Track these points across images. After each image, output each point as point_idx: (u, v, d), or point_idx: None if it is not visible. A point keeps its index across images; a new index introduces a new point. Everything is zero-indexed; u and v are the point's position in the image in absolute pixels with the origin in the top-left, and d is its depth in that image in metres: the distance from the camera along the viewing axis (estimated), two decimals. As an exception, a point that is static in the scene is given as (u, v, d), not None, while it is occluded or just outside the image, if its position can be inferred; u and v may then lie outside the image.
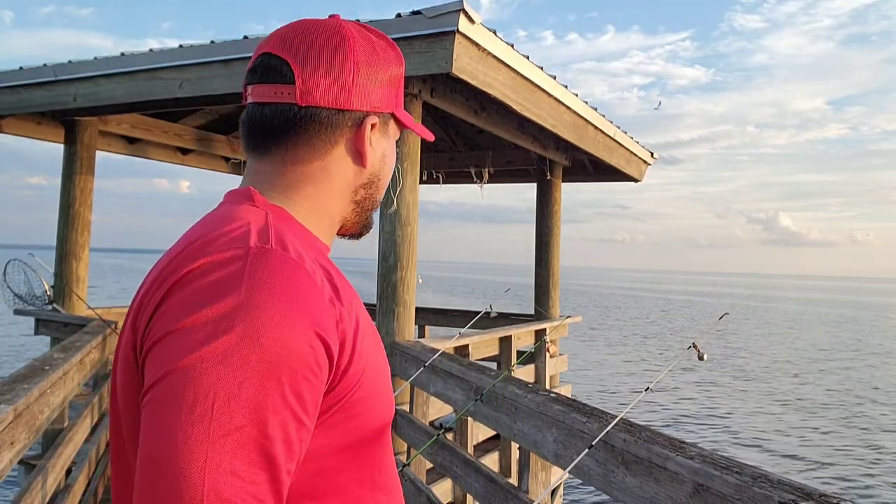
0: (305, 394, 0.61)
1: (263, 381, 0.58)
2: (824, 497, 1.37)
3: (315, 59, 0.76)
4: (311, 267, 0.67)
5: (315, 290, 0.64)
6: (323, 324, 0.63)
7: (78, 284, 5.70)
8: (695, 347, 2.14)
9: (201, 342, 0.58)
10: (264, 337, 0.59)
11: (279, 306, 0.61)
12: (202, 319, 0.59)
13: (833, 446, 11.65)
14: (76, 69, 4.96)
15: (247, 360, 0.58)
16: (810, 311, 51.78)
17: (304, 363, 0.61)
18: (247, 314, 0.59)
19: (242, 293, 0.60)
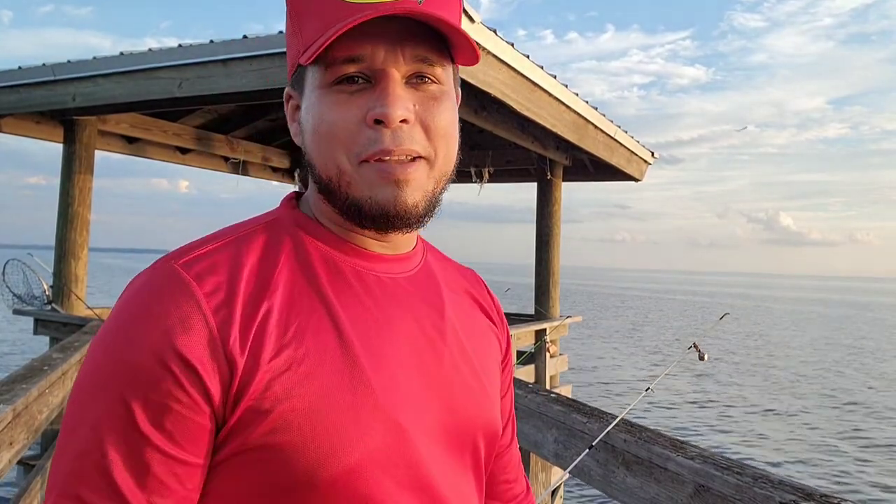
0: (168, 423, 0.55)
1: (108, 403, 0.55)
2: (825, 497, 1.36)
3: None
4: (212, 284, 0.58)
5: (182, 309, 0.56)
6: (186, 345, 0.55)
7: (77, 284, 5.69)
8: (695, 347, 2.13)
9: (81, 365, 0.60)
10: (110, 355, 0.57)
11: (129, 325, 0.57)
12: (92, 342, 0.61)
13: (833, 446, 11.65)
14: (75, 69, 4.95)
15: (95, 381, 0.57)
16: (810, 312, 51.82)
17: (161, 387, 0.55)
18: (103, 334, 0.58)
19: (113, 312, 0.60)
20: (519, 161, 7.55)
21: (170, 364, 0.55)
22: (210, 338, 0.56)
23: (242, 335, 0.57)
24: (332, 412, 0.58)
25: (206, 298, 0.57)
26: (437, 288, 0.73)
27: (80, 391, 0.57)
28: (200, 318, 0.56)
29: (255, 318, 0.58)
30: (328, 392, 0.58)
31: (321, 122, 0.62)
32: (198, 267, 0.59)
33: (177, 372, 0.55)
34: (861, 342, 29.24)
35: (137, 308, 0.57)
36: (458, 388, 0.68)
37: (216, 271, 0.59)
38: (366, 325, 0.63)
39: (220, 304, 0.57)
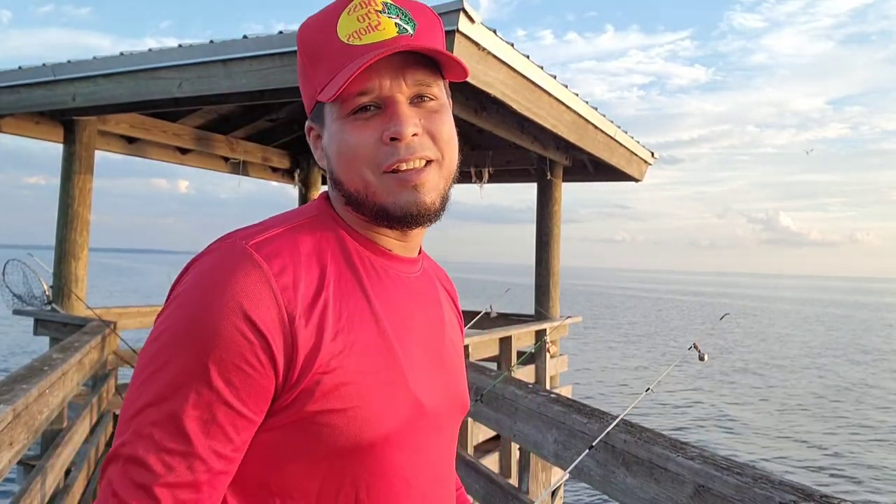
0: (237, 380, 0.64)
1: (186, 359, 0.63)
2: (825, 498, 1.36)
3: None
4: (279, 265, 0.67)
5: (256, 284, 0.65)
6: (259, 316, 0.64)
7: (77, 284, 5.69)
8: (695, 348, 2.13)
9: (156, 322, 0.68)
10: (190, 317, 0.64)
11: (209, 293, 0.64)
12: (165, 306, 0.68)
13: (833, 446, 11.65)
14: (75, 69, 4.95)
15: (174, 338, 0.64)
16: (810, 312, 51.78)
17: (233, 349, 0.63)
18: (183, 299, 0.66)
19: (189, 280, 0.67)
20: (519, 161, 7.54)
21: (245, 330, 0.63)
22: (279, 312, 0.65)
23: (307, 316, 0.67)
24: (375, 390, 0.70)
25: (276, 278, 0.66)
26: (434, 287, 0.87)
27: (159, 345, 0.65)
28: (270, 294, 0.65)
29: (317, 303, 0.68)
30: (372, 371, 0.70)
31: (345, 145, 0.74)
32: (266, 249, 0.68)
33: (250, 337, 0.63)
34: (858, 342, 29.22)
35: (216, 279, 0.65)
36: (451, 372, 0.83)
37: (281, 255, 0.69)
38: (395, 316, 0.76)
39: (287, 285, 0.67)
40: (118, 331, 4.92)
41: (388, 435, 0.71)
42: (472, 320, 5.35)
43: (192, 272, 0.69)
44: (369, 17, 0.72)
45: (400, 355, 0.74)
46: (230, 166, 7.89)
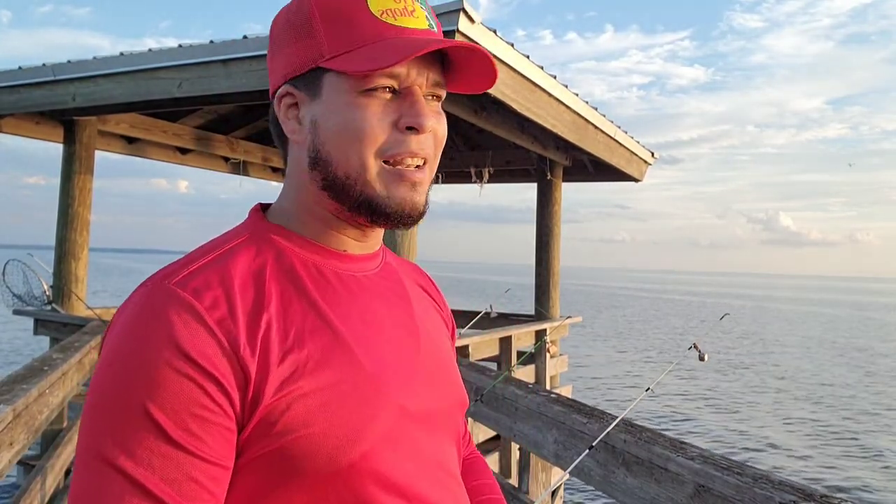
0: (196, 427, 0.57)
1: (132, 417, 0.56)
2: (825, 498, 1.36)
3: (271, 45, 0.74)
4: (209, 298, 0.61)
5: (189, 323, 0.59)
6: (201, 354, 0.58)
7: (77, 284, 5.69)
8: (696, 348, 2.13)
9: (91, 393, 0.60)
10: (124, 373, 0.58)
11: (138, 342, 0.58)
12: (99, 366, 0.61)
13: (834, 446, 11.65)
14: (75, 69, 4.95)
15: (112, 399, 0.57)
16: (809, 312, 51.82)
17: (182, 395, 0.57)
18: (110, 356, 0.60)
19: (115, 335, 0.61)
20: (519, 161, 7.54)
21: (189, 371, 0.57)
22: (220, 346, 0.59)
23: (250, 344, 0.61)
24: (341, 404, 0.63)
25: (208, 312, 0.60)
26: (401, 281, 0.82)
27: (100, 413, 0.58)
28: (207, 331, 0.59)
29: (258, 328, 0.62)
30: (334, 386, 0.64)
31: (352, 122, 0.67)
32: (192, 284, 0.62)
33: (197, 378, 0.58)
34: (857, 342, 29.25)
35: (142, 326, 0.59)
36: (435, 368, 0.76)
37: (210, 287, 0.63)
38: (353, 320, 0.69)
39: (223, 317, 0.61)
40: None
41: (369, 450, 0.64)
42: (473, 320, 5.36)
43: (116, 326, 0.62)
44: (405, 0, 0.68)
45: (364, 360, 0.67)
46: (230, 166, 7.89)
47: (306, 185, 0.72)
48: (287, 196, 0.75)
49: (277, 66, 0.72)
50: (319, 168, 0.70)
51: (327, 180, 0.70)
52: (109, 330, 0.63)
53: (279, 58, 0.72)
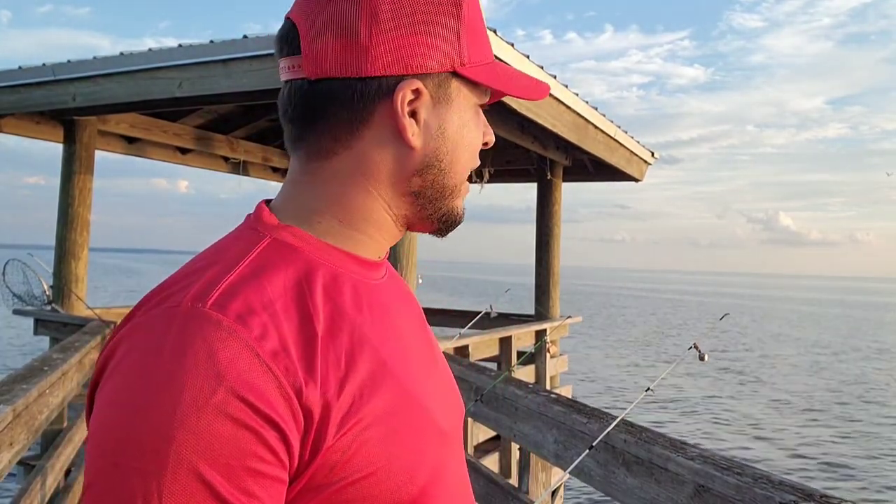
0: (254, 487, 0.48)
1: (180, 483, 0.46)
2: (825, 498, 1.36)
3: (322, 13, 0.58)
4: (258, 326, 0.51)
5: (241, 358, 0.49)
6: (260, 398, 0.48)
7: (77, 284, 5.69)
8: (696, 348, 2.13)
9: (111, 446, 0.47)
10: (161, 425, 0.46)
11: (176, 386, 0.47)
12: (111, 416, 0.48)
13: (833, 446, 11.65)
14: (75, 69, 4.95)
15: (147, 460, 0.46)
16: (809, 312, 51.81)
17: (239, 448, 0.47)
18: (132, 402, 0.47)
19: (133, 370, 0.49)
20: (519, 161, 7.55)
21: (246, 419, 0.47)
22: (279, 385, 0.50)
23: (311, 377, 0.52)
24: (398, 436, 0.56)
25: (258, 343, 0.50)
26: (406, 288, 0.76)
27: (124, 475, 0.46)
28: (262, 366, 0.49)
29: (314, 357, 0.53)
30: (389, 416, 0.56)
31: (470, 135, 0.66)
32: (232, 308, 0.51)
33: (256, 426, 0.48)
34: (857, 342, 29.25)
35: (180, 362, 0.48)
36: (446, 380, 0.71)
37: (255, 311, 0.52)
38: (388, 337, 0.62)
39: (276, 349, 0.51)
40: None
41: (425, 484, 0.58)
42: (472, 320, 5.36)
43: (127, 358, 0.50)
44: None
45: (407, 383, 0.60)
46: (230, 166, 7.89)
47: (382, 187, 0.63)
48: (321, 196, 0.63)
49: (397, 49, 0.58)
50: (429, 174, 0.63)
51: (429, 187, 0.63)
52: (118, 363, 0.50)
53: (403, 42, 0.59)
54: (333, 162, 0.61)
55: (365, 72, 0.58)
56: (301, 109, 0.61)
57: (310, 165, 0.62)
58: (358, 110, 0.59)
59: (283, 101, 0.63)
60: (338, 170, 0.62)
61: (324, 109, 0.60)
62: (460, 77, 0.62)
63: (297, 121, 0.62)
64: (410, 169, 0.62)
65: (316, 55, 0.58)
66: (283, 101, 0.63)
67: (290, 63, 0.60)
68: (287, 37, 0.61)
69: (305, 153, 0.62)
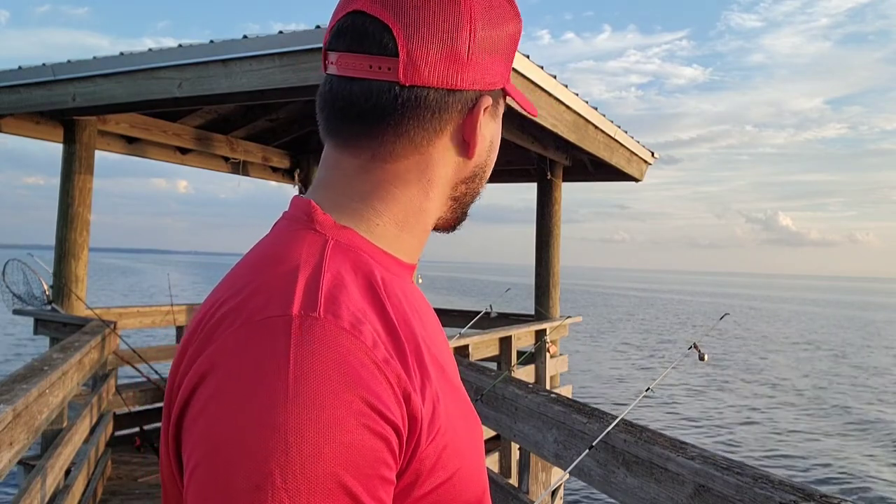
0: (383, 493, 0.49)
1: (324, 492, 0.45)
2: (825, 498, 1.36)
3: (424, 22, 0.58)
4: (369, 333, 0.51)
5: (366, 368, 0.49)
6: (388, 408, 0.49)
7: (77, 284, 5.69)
8: (696, 348, 2.13)
9: (241, 475, 0.45)
10: (324, 445, 0.46)
11: (331, 401, 0.46)
12: (237, 437, 0.46)
13: (834, 446, 11.65)
14: (75, 69, 4.95)
15: (304, 480, 0.45)
16: (809, 312, 51.79)
17: (372, 456, 0.47)
18: (292, 420, 0.46)
19: (284, 390, 0.46)
20: (519, 161, 7.54)
21: (378, 427, 0.48)
22: (394, 392, 0.50)
23: (412, 383, 0.53)
24: (465, 439, 0.59)
25: (373, 351, 0.50)
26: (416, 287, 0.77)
27: (262, 494, 0.44)
28: (381, 374, 0.50)
29: (408, 365, 0.54)
30: (455, 420, 0.58)
31: (497, 142, 0.70)
32: (344, 315, 0.51)
33: (385, 434, 0.48)
34: (857, 342, 29.23)
35: (307, 376, 0.47)
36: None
37: (361, 318, 0.52)
38: (435, 342, 0.62)
39: (386, 357, 0.51)
40: (118, 331, 4.92)
41: (486, 482, 0.60)
42: (472, 320, 5.36)
43: (240, 379, 0.47)
44: None
45: (459, 388, 0.62)
46: (230, 166, 7.89)
47: (436, 192, 0.64)
48: (381, 197, 0.62)
49: (484, 68, 0.62)
50: (473, 182, 0.68)
51: (469, 194, 0.69)
52: (226, 387, 0.48)
53: (486, 56, 0.62)
54: (400, 164, 0.62)
55: (458, 85, 0.60)
56: (381, 112, 0.59)
57: (373, 165, 0.62)
58: (444, 120, 0.61)
59: (348, 97, 0.60)
60: (402, 172, 0.62)
61: (410, 116, 0.60)
62: (505, 94, 0.68)
63: (371, 122, 0.60)
64: (462, 177, 0.66)
65: (416, 62, 0.58)
66: (348, 97, 0.60)
67: (374, 63, 0.58)
68: (370, 34, 0.58)
69: (372, 154, 0.61)
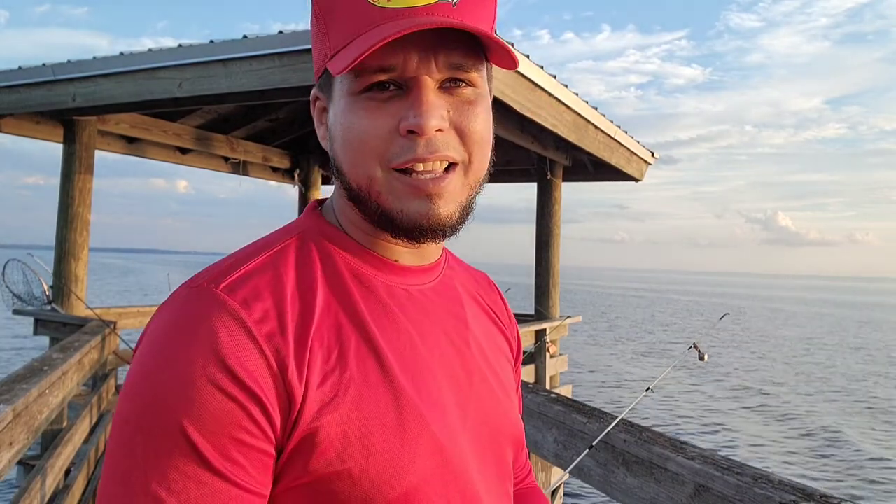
0: (238, 454, 0.52)
1: (170, 441, 0.51)
2: (825, 497, 1.36)
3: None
4: (259, 310, 0.55)
5: (236, 338, 0.53)
6: (248, 375, 0.52)
7: (77, 284, 5.69)
8: (695, 348, 2.13)
9: (127, 403, 0.54)
10: (161, 388, 0.52)
11: (179, 353, 0.52)
12: (127, 382, 0.55)
13: (834, 446, 11.65)
14: (75, 69, 4.95)
15: (146, 418, 0.51)
16: (809, 312, 51.82)
17: (225, 418, 0.51)
18: (143, 367, 0.54)
19: (151, 343, 0.55)
20: (519, 161, 7.54)
21: (234, 392, 0.52)
22: (268, 366, 0.54)
23: (297, 363, 0.55)
24: (382, 437, 0.57)
25: (257, 326, 0.55)
26: (458, 296, 0.73)
27: (131, 430, 0.52)
28: (255, 347, 0.54)
29: (305, 345, 0.56)
30: (375, 416, 0.57)
31: (351, 129, 0.60)
32: (241, 292, 0.56)
33: (242, 399, 0.52)
34: (858, 342, 29.25)
35: (183, 335, 0.53)
36: (486, 399, 0.68)
37: (261, 296, 0.57)
38: (401, 343, 0.62)
39: (272, 332, 0.55)
40: (118, 331, 4.92)
41: (414, 487, 0.57)
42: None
43: (153, 331, 0.56)
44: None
45: (411, 391, 0.60)
46: (230, 166, 7.89)
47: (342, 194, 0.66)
48: (340, 196, 0.67)
49: (315, 57, 0.66)
50: (340, 178, 0.63)
51: (348, 191, 0.63)
52: (146, 333, 0.57)
53: (315, 46, 0.65)
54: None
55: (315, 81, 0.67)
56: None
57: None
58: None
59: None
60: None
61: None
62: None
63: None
64: (334, 174, 0.65)
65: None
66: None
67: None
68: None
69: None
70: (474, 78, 0.61)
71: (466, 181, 0.62)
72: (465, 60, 0.59)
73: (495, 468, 0.68)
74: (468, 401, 0.66)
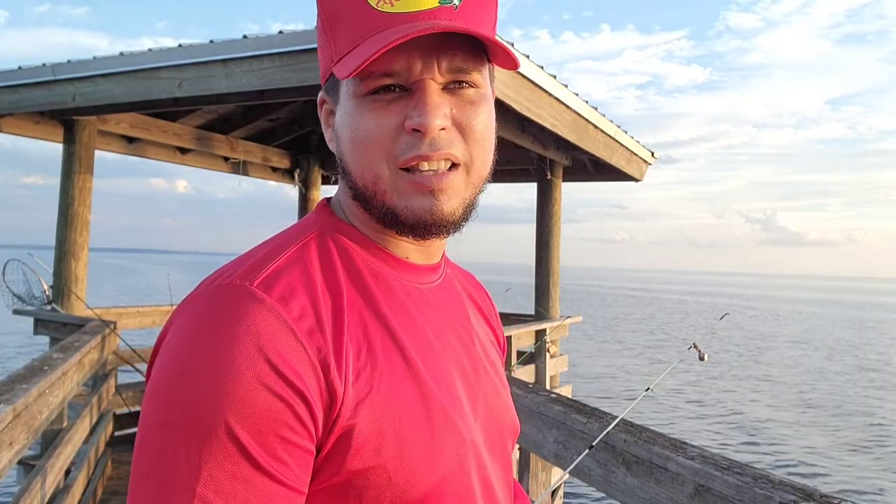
0: (283, 453, 0.52)
1: (216, 442, 0.50)
2: (825, 497, 1.36)
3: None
4: (297, 306, 0.56)
5: (279, 335, 0.53)
6: (294, 373, 0.53)
7: (77, 284, 5.69)
8: (695, 348, 2.13)
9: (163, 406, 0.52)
10: (203, 389, 0.51)
11: (221, 352, 0.52)
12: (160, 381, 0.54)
13: (834, 446, 11.65)
14: (75, 68, 4.95)
15: (188, 419, 0.51)
16: (808, 312, 51.82)
17: (271, 416, 0.51)
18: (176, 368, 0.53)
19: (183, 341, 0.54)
20: (519, 161, 7.54)
21: (281, 392, 0.52)
22: (311, 364, 0.54)
23: (336, 361, 0.56)
24: (413, 431, 0.58)
25: (297, 323, 0.55)
26: (459, 294, 0.76)
27: (170, 433, 0.51)
28: (298, 345, 0.54)
29: (341, 343, 0.57)
30: (407, 412, 0.59)
31: (358, 130, 0.62)
32: (277, 289, 0.56)
33: (287, 397, 0.52)
34: (857, 343, 29.24)
35: (224, 333, 0.53)
36: (490, 393, 0.71)
37: (296, 293, 0.57)
38: (419, 340, 0.64)
39: (312, 329, 0.56)
40: (118, 331, 4.92)
41: (436, 485, 0.59)
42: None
43: (183, 330, 0.55)
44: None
45: (434, 386, 0.62)
46: (230, 166, 7.89)
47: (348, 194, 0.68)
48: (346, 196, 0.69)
49: (321, 64, 0.68)
50: (347, 179, 0.65)
51: (354, 191, 0.65)
52: (172, 332, 0.56)
53: (321, 54, 0.68)
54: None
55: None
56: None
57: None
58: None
59: None
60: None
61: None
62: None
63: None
64: (341, 174, 0.67)
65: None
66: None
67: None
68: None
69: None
70: (477, 79, 0.63)
71: (469, 179, 0.65)
72: (468, 63, 0.62)
73: (501, 459, 0.71)
74: (477, 395, 0.68)
